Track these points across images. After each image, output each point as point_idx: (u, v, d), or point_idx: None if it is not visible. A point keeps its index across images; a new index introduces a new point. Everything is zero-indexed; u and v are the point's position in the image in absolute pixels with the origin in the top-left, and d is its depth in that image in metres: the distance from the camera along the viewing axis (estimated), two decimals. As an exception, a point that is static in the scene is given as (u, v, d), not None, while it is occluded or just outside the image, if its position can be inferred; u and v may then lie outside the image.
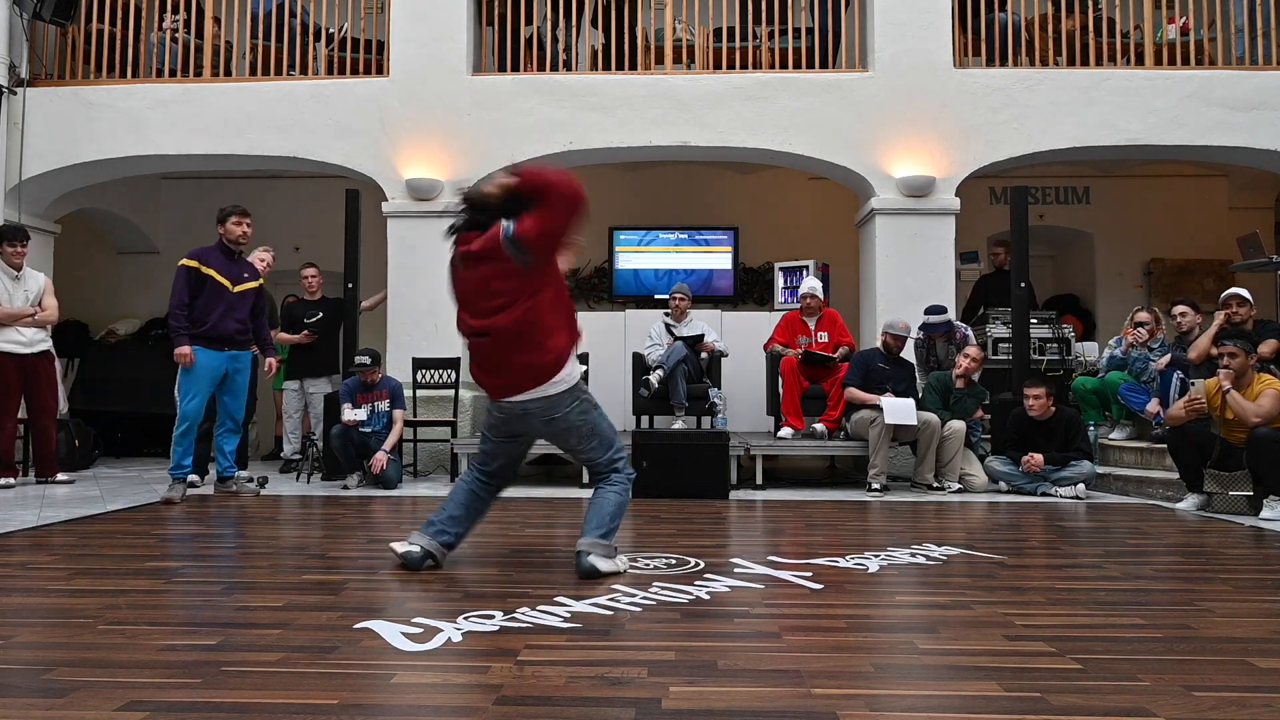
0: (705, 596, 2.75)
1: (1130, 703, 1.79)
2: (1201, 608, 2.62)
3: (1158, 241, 9.24)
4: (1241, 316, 5.58)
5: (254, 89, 7.21)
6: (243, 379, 5.44)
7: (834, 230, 8.59)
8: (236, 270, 5.39)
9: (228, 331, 5.26)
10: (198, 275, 5.21)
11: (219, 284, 5.26)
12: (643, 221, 9.01)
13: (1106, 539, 4.07)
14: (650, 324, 7.12)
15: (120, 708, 1.74)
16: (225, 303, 5.26)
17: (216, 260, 5.31)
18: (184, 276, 5.20)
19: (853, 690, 1.87)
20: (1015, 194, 6.40)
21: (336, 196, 6.97)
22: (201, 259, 5.27)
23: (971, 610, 2.59)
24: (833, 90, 7.05)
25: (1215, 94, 6.84)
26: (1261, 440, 4.63)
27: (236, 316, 5.31)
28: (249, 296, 5.43)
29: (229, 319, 5.26)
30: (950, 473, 5.82)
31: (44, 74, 7.42)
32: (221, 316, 5.23)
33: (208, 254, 5.32)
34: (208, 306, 5.21)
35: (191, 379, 5.18)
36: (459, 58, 7.17)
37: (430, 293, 7.08)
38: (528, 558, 3.46)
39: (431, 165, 7.09)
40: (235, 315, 5.30)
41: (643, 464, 5.51)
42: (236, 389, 5.41)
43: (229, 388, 5.37)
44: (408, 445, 6.71)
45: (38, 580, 2.99)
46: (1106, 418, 6.45)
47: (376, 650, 2.15)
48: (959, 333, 6.50)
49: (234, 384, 5.39)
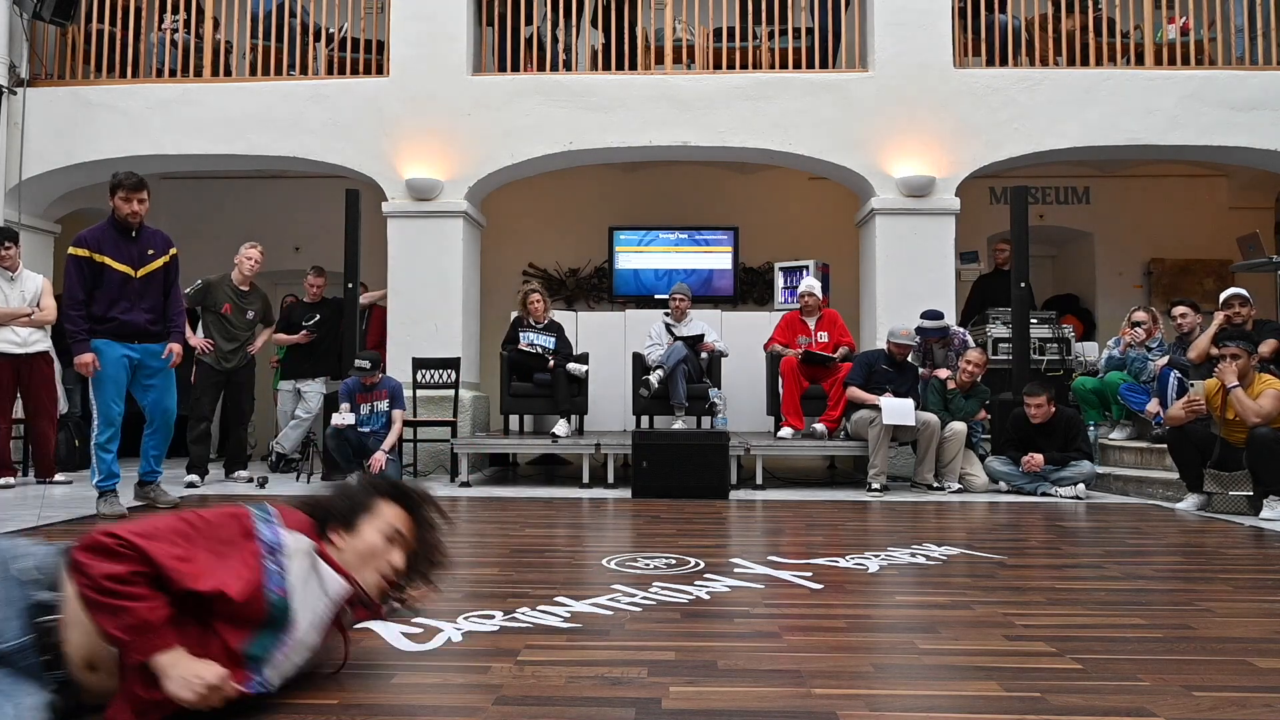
0: (705, 596, 2.75)
1: (1130, 703, 1.79)
2: (1201, 608, 2.62)
3: (1158, 241, 9.24)
4: (1243, 316, 5.58)
5: (254, 89, 7.21)
6: (161, 369, 4.61)
7: (834, 230, 8.59)
8: (137, 250, 4.49)
9: (138, 325, 4.49)
10: (91, 265, 4.38)
11: (117, 272, 4.42)
12: (643, 221, 9.01)
13: (1106, 539, 4.07)
14: (650, 324, 7.12)
15: (120, 708, 1.74)
16: (131, 291, 4.45)
17: (110, 243, 4.43)
18: (73, 267, 4.35)
19: (853, 690, 1.87)
20: (1015, 194, 6.40)
21: (336, 196, 6.97)
22: (92, 245, 4.39)
23: (971, 610, 2.59)
24: (833, 90, 7.04)
25: (1215, 94, 6.83)
26: (1261, 440, 4.62)
27: (144, 306, 4.50)
28: (157, 278, 4.56)
29: (137, 310, 4.47)
30: (950, 473, 5.82)
31: (44, 74, 7.42)
32: (127, 309, 4.44)
33: (99, 237, 4.43)
34: (110, 299, 4.42)
35: (103, 379, 4.42)
36: (459, 58, 7.17)
37: (430, 293, 7.09)
38: (528, 558, 3.46)
39: (431, 165, 7.09)
40: (143, 305, 4.50)
41: (643, 464, 5.52)
42: (159, 382, 4.61)
43: (146, 382, 4.59)
44: (407, 445, 6.71)
45: (38, 580, 2.98)
46: (1106, 418, 6.44)
47: (376, 650, 2.15)
48: (956, 338, 6.48)
49: (153, 377, 4.59)
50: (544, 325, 6.85)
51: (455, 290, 7.13)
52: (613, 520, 4.62)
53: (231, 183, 9.03)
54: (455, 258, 7.14)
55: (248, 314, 6.38)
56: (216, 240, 8.06)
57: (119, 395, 4.50)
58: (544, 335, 6.77)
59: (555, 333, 6.84)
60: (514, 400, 6.82)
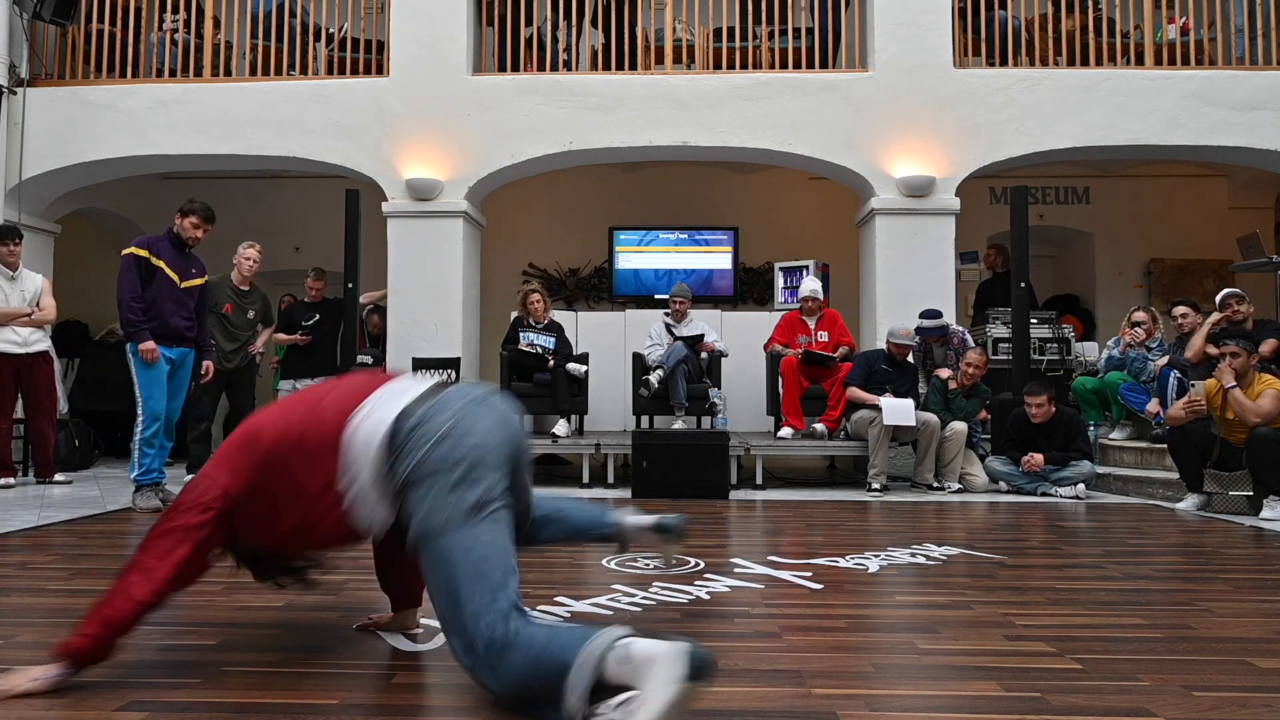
0: (705, 596, 2.75)
1: (1130, 703, 1.79)
2: (1201, 608, 2.62)
3: (1158, 241, 9.25)
4: (1242, 315, 5.58)
5: (254, 89, 7.21)
6: (183, 376, 4.97)
7: (834, 230, 8.59)
8: (185, 265, 4.97)
9: (178, 328, 4.86)
10: (148, 266, 4.76)
11: (168, 277, 4.82)
12: (643, 221, 9.01)
13: (1106, 539, 4.07)
14: (650, 324, 7.11)
15: (120, 708, 1.74)
16: (174, 298, 4.85)
17: (166, 252, 4.86)
18: (134, 265, 4.73)
19: (853, 690, 1.87)
20: (1015, 194, 6.40)
21: (336, 196, 6.97)
22: (151, 249, 4.81)
23: (971, 610, 2.59)
24: (833, 90, 7.04)
25: (1215, 94, 6.83)
26: (1261, 440, 4.62)
27: (184, 313, 4.91)
28: (195, 293, 5.02)
29: (178, 315, 4.86)
30: (950, 473, 5.82)
31: (44, 74, 7.41)
32: (172, 312, 4.82)
33: (157, 244, 4.86)
34: (158, 300, 4.77)
35: (152, 375, 4.72)
36: (459, 58, 7.17)
37: (430, 293, 7.09)
38: (528, 558, 3.44)
39: (431, 165, 7.09)
40: (183, 312, 4.90)
41: (643, 464, 5.52)
42: (177, 388, 4.92)
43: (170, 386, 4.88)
44: (408, 445, 6.70)
45: (38, 580, 2.98)
46: (1106, 418, 6.44)
47: (376, 650, 2.15)
48: (956, 337, 6.48)
49: (175, 382, 4.90)
50: (544, 325, 6.84)
51: (455, 290, 7.13)
52: (613, 520, 4.61)
53: (231, 183, 9.03)
54: (455, 258, 7.14)
55: (248, 314, 6.38)
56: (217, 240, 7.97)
57: (165, 392, 4.78)
58: (544, 335, 6.77)
59: (555, 333, 6.84)
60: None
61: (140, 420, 4.74)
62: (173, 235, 4.92)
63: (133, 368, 4.74)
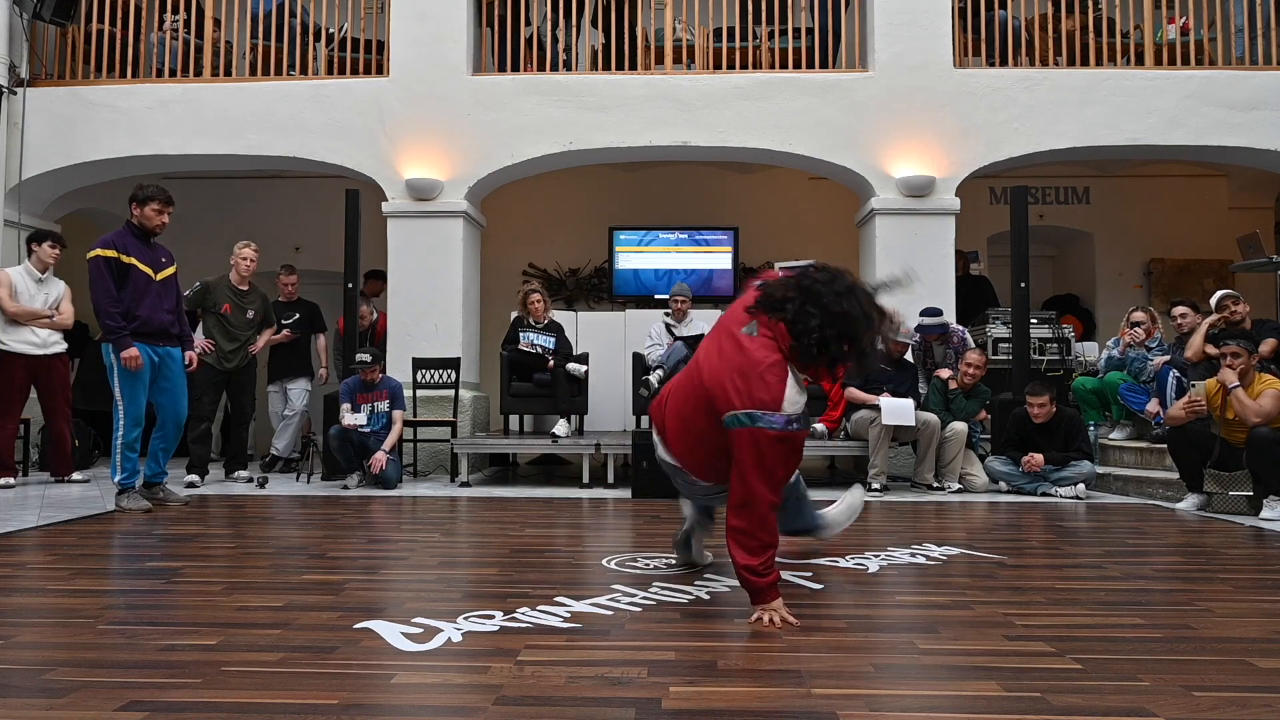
0: (705, 596, 2.75)
1: (1130, 703, 1.79)
2: (1201, 608, 2.62)
3: (1158, 241, 9.25)
4: (1239, 315, 5.58)
5: (254, 89, 7.21)
6: (177, 372, 4.80)
7: (834, 230, 8.59)
8: (155, 256, 4.73)
9: (162, 323, 4.69)
10: (119, 265, 4.55)
11: (142, 272, 4.62)
12: (643, 221, 9.01)
13: (1106, 539, 4.07)
14: (650, 324, 7.12)
15: (120, 708, 1.74)
16: (152, 293, 4.64)
17: (134, 246, 4.62)
18: (105, 268, 4.51)
19: (853, 690, 1.87)
20: (1015, 194, 6.40)
21: (336, 196, 6.97)
22: (118, 246, 4.57)
23: (971, 610, 2.59)
24: (833, 90, 7.04)
25: (1215, 94, 6.83)
26: (1261, 440, 4.62)
27: (165, 307, 4.72)
28: (171, 283, 4.81)
29: (160, 310, 4.68)
30: (950, 473, 5.82)
31: (44, 74, 7.42)
32: (152, 309, 4.63)
33: (123, 240, 4.61)
34: (136, 299, 4.58)
35: (134, 379, 4.56)
36: (459, 58, 7.17)
37: (430, 293, 7.09)
38: (528, 558, 3.45)
39: (431, 165, 7.09)
40: (164, 305, 4.72)
41: (643, 464, 5.51)
42: (173, 385, 4.77)
43: (163, 384, 4.74)
44: (408, 445, 6.71)
45: (38, 580, 2.99)
46: (1106, 418, 6.44)
47: (376, 650, 2.15)
48: (956, 336, 6.48)
49: (169, 380, 4.75)
50: (544, 325, 6.85)
51: (455, 290, 7.13)
52: (613, 520, 4.62)
53: (231, 183, 9.03)
54: (455, 258, 7.14)
55: (248, 313, 6.38)
56: (216, 240, 8.04)
57: (145, 394, 4.65)
58: (544, 335, 6.77)
59: (555, 333, 6.84)
60: (514, 400, 6.82)
61: (121, 424, 4.58)
62: (134, 227, 4.67)
63: (113, 371, 4.58)
